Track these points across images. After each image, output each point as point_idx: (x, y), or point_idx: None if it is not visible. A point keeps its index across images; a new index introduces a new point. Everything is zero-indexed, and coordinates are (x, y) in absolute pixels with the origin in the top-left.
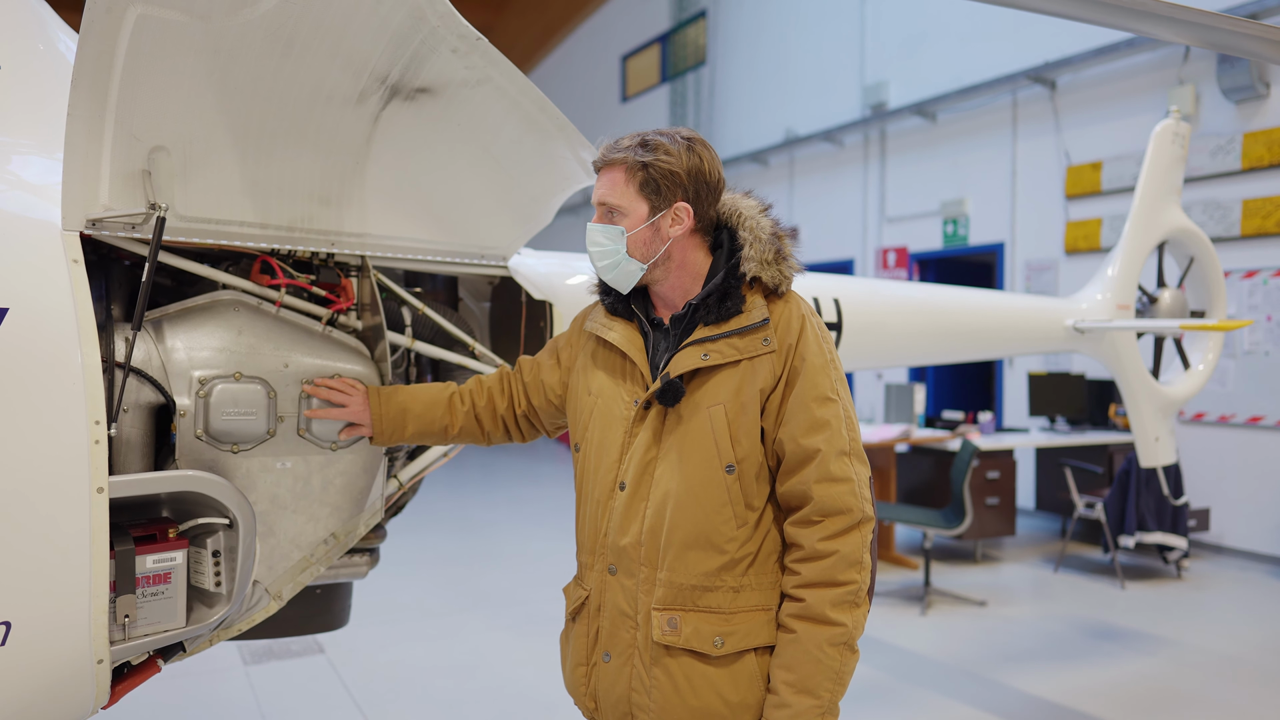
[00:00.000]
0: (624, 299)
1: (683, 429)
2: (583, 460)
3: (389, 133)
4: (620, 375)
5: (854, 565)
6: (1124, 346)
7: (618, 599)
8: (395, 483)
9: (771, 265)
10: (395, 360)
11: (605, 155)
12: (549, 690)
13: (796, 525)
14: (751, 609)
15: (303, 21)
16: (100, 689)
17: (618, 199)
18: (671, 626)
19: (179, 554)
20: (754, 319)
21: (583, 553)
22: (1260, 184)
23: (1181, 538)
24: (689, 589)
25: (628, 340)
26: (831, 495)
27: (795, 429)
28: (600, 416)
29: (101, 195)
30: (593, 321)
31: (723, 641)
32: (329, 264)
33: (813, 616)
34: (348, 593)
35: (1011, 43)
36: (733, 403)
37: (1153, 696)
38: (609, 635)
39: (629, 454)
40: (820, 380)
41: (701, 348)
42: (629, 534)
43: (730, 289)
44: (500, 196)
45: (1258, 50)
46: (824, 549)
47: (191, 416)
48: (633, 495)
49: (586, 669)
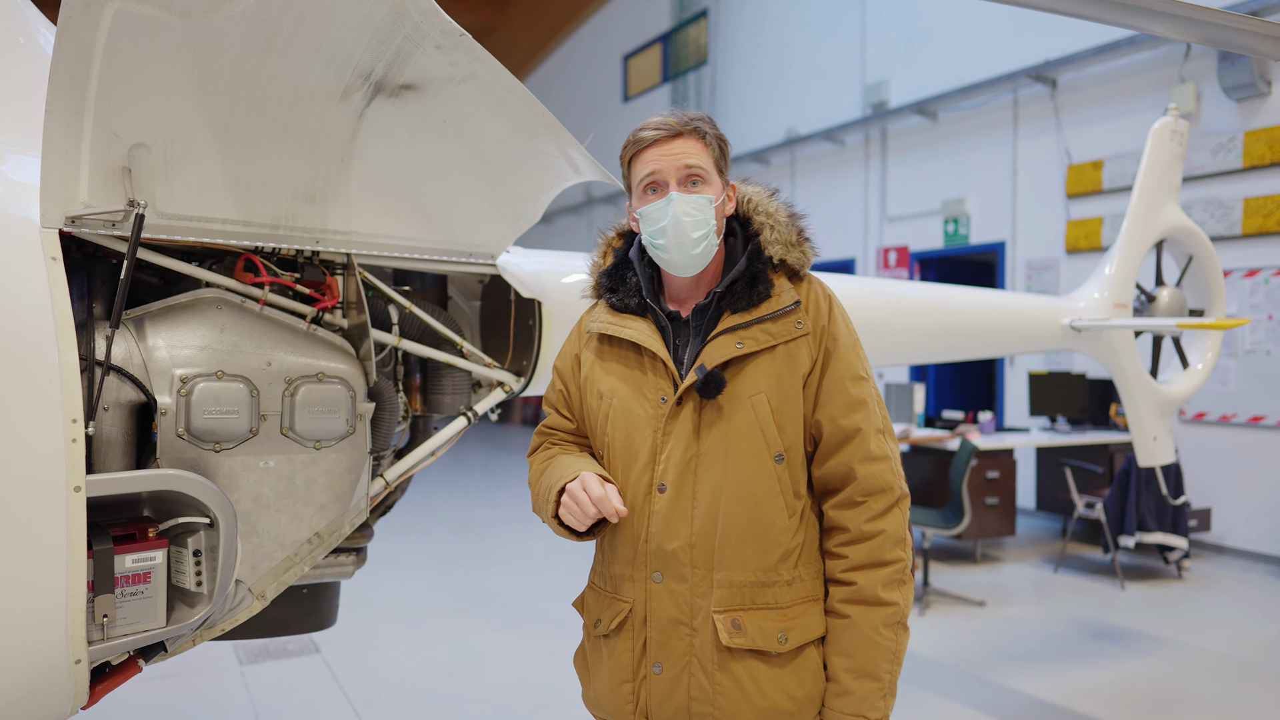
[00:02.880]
0: (635, 293)
1: (725, 422)
2: (605, 467)
3: (374, 130)
4: (639, 374)
5: (899, 543)
6: (1121, 345)
7: (667, 607)
8: (381, 482)
9: (795, 247)
10: (383, 359)
11: (675, 123)
12: (545, 690)
13: (839, 508)
14: (805, 600)
15: (284, 18)
16: (79, 689)
17: (707, 166)
18: (736, 628)
19: (159, 553)
20: (785, 302)
21: (617, 564)
22: (1261, 182)
23: (1182, 538)
24: (748, 586)
25: (648, 335)
26: (873, 474)
27: (834, 409)
28: (621, 419)
29: (81, 192)
30: (597, 321)
31: (786, 638)
32: (314, 262)
33: (865, 599)
34: (335, 592)
35: (1012, 41)
36: (774, 390)
37: (1152, 697)
38: (660, 645)
39: (665, 454)
40: (852, 359)
41: (734, 336)
42: (677, 537)
43: (757, 273)
44: (488, 194)
45: (1257, 47)
46: (870, 529)
47: (173, 415)
48: (675, 496)
49: (634, 684)
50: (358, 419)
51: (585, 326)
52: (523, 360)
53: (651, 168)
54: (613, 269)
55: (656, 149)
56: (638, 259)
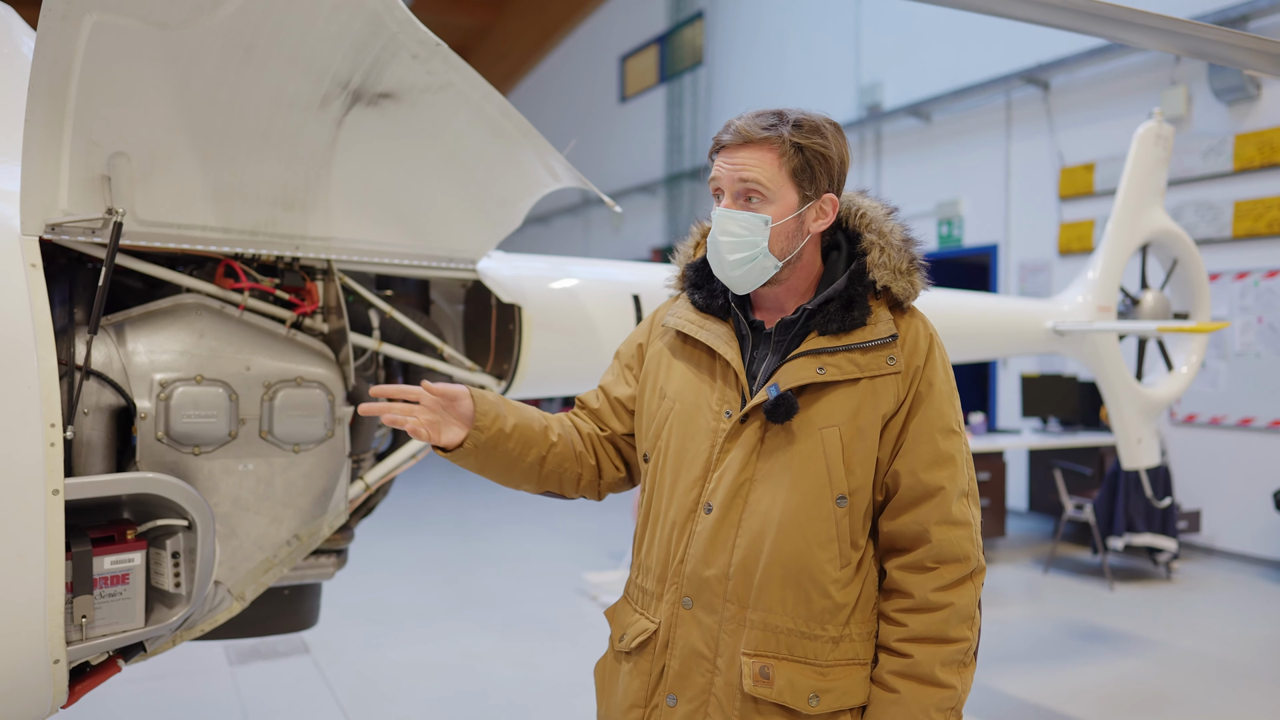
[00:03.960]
0: (721, 294)
1: (789, 451)
2: (654, 473)
3: (353, 137)
4: (709, 380)
5: (966, 620)
6: (1104, 348)
7: (692, 637)
8: (361, 484)
9: (904, 276)
10: (364, 363)
11: (749, 130)
12: (533, 691)
13: (906, 570)
14: (849, 662)
15: (261, 29)
16: (58, 689)
17: (769, 182)
18: (764, 676)
19: (137, 555)
20: (880, 334)
21: (648, 579)
22: (1252, 185)
23: (1171, 539)
24: (785, 634)
25: (725, 341)
26: (950, 540)
27: (916, 462)
28: (679, 425)
29: (61, 200)
30: (675, 316)
31: (818, 700)
32: (294, 267)
33: (919, 676)
34: (316, 593)
35: (1005, 44)
36: (849, 426)
37: (1134, 697)
38: (678, 677)
39: (718, 472)
40: (946, 410)
41: (817, 360)
42: (714, 565)
43: (855, 296)
44: (467, 200)
45: (1237, 58)
46: (937, 600)
47: (152, 419)
48: (721, 520)
49: (644, 711)
50: (336, 423)
51: (661, 318)
52: (504, 364)
53: (715, 174)
54: (702, 263)
55: (724, 155)
56: None
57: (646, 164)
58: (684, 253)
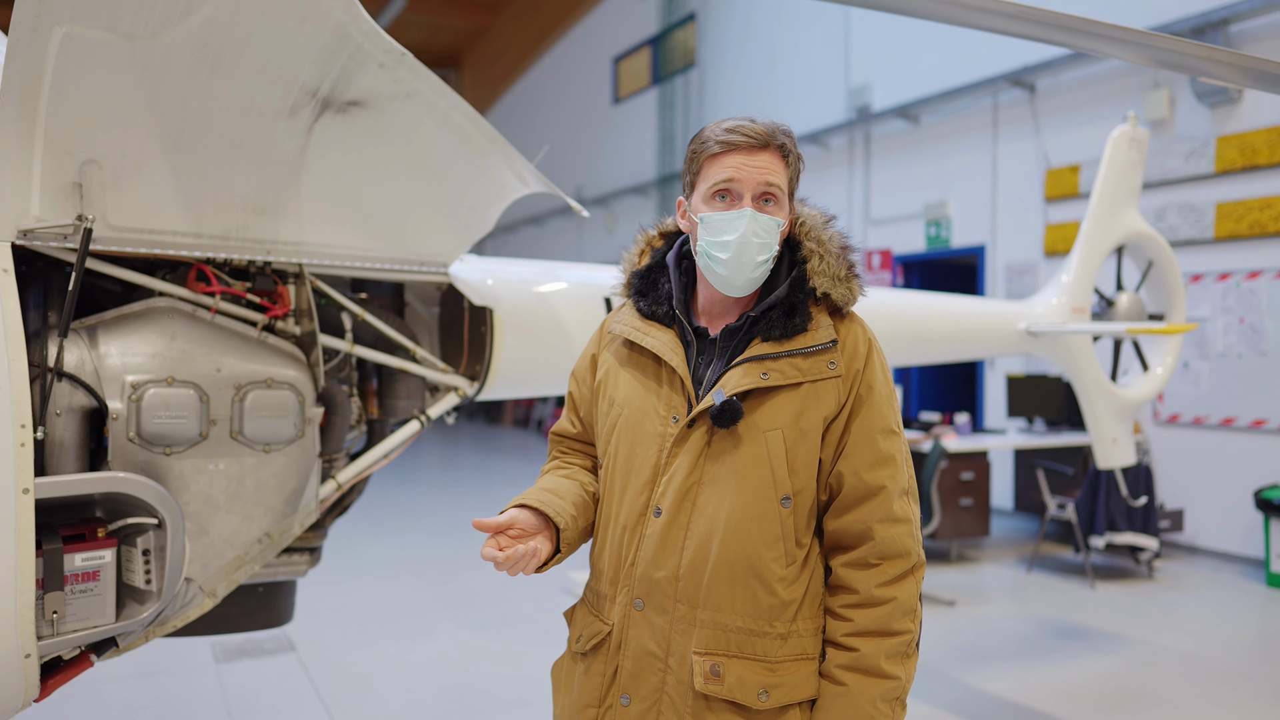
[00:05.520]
0: (665, 301)
1: (735, 454)
2: (605, 479)
3: (323, 144)
4: (655, 386)
5: (909, 614)
6: (1078, 349)
7: (644, 637)
8: (333, 484)
9: (843, 282)
10: (337, 365)
11: (769, 134)
12: (516, 688)
13: (851, 567)
14: (797, 657)
15: (229, 40)
16: (29, 683)
17: (784, 187)
18: (714, 674)
19: (108, 552)
20: (820, 339)
21: (601, 582)
22: (1233, 187)
23: (1152, 538)
24: (734, 632)
25: (670, 348)
26: (893, 537)
27: (858, 462)
28: (627, 431)
29: (33, 207)
30: (621, 323)
31: (768, 695)
32: (266, 271)
33: (865, 669)
34: (290, 590)
35: (991, 47)
36: (792, 429)
37: (1109, 695)
38: (630, 677)
39: (667, 476)
40: (886, 411)
41: (760, 365)
42: (664, 567)
43: (797, 303)
44: (438, 206)
45: (1204, 69)
46: (881, 595)
47: (124, 420)
48: (670, 523)
49: (598, 711)
50: (306, 423)
51: (608, 327)
52: (476, 365)
53: (730, 175)
54: (646, 271)
55: (739, 156)
56: (674, 264)
57: (639, 165)
58: (629, 260)
